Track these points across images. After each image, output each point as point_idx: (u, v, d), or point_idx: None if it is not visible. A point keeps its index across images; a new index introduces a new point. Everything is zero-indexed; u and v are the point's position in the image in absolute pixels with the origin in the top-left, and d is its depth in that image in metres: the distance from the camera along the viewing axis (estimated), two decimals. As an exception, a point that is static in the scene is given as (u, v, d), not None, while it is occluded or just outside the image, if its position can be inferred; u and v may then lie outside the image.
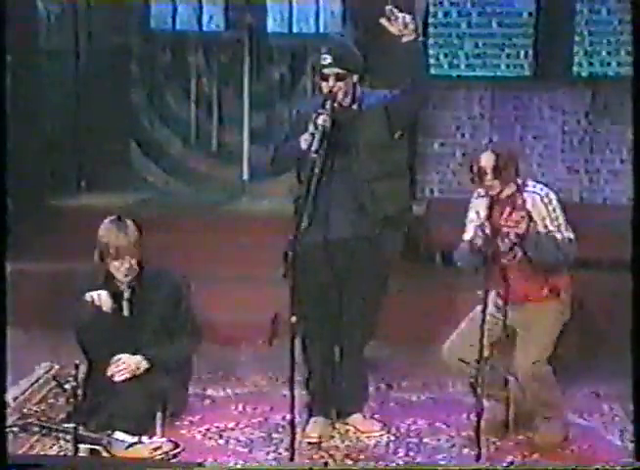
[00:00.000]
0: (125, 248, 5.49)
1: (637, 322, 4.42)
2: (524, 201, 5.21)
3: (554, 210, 5.25)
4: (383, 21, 5.14)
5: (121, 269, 5.53)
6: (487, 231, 5.13)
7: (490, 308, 5.15)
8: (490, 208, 5.29)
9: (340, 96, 5.24)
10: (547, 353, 5.33)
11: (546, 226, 5.21)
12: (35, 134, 8.83)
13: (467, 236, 5.35)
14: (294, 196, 5.29)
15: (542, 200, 5.25)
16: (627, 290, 6.96)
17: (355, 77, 5.29)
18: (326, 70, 5.25)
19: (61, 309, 5.78)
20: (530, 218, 5.17)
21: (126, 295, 5.62)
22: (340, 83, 5.23)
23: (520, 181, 5.31)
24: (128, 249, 5.50)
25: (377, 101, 5.35)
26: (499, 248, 5.13)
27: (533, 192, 5.28)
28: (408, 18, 5.15)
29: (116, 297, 5.59)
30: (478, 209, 5.37)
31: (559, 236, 5.21)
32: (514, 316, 5.27)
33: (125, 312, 5.63)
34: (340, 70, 5.22)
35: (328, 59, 5.24)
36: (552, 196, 5.28)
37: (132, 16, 9.50)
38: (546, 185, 5.41)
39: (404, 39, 5.16)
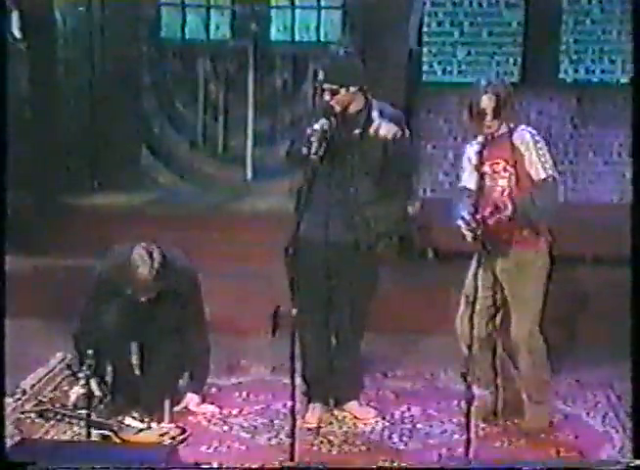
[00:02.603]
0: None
1: (637, 321, 4.38)
2: (512, 144, 5.18)
3: (541, 147, 5.20)
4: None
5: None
6: (474, 224, 5.09)
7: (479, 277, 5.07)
8: (481, 152, 5.23)
9: (337, 108, 5.23)
10: (539, 316, 5.27)
11: (532, 162, 5.17)
12: (53, 137, 8.85)
13: (461, 184, 5.34)
14: (295, 188, 5.28)
15: (532, 137, 5.21)
16: (609, 283, 7.00)
17: (353, 89, 5.26)
18: (322, 86, 5.26)
19: (74, 302, 5.78)
20: (515, 167, 5.15)
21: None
22: (336, 97, 5.23)
23: (512, 125, 5.25)
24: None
25: (386, 116, 5.32)
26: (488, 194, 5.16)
27: (524, 130, 5.26)
28: (384, 124, 5.18)
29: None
30: (470, 155, 5.33)
31: (543, 175, 5.17)
32: (502, 271, 5.23)
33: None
34: (332, 86, 5.22)
35: (321, 75, 5.27)
36: (542, 140, 5.25)
37: (144, 26, 9.47)
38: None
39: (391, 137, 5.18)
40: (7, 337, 4.54)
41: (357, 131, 5.27)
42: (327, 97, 5.24)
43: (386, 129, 5.20)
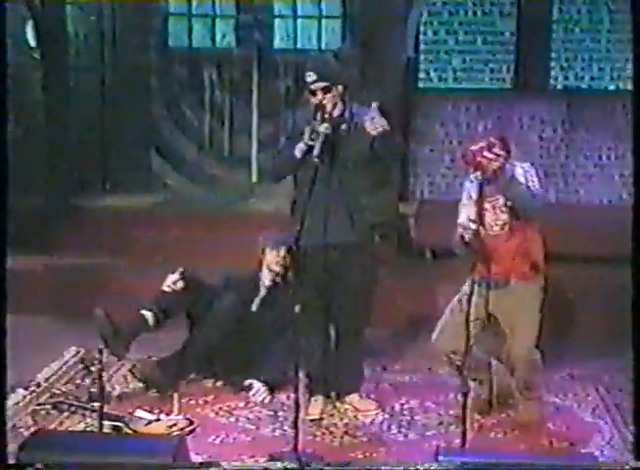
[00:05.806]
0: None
1: (637, 320, 4.36)
2: (514, 178, 5.13)
3: (532, 174, 5.15)
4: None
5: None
6: (474, 227, 5.06)
7: (474, 296, 5.04)
8: (481, 188, 5.15)
9: (328, 107, 5.20)
10: (535, 337, 5.25)
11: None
12: (65, 141, 8.85)
13: (460, 219, 5.23)
14: (290, 200, 5.28)
15: (522, 168, 5.17)
16: (598, 281, 7.00)
17: (340, 88, 5.25)
18: (312, 86, 5.22)
19: (86, 300, 5.78)
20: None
21: (261, 293, 5.89)
22: (327, 95, 5.20)
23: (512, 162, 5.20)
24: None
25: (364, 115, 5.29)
26: (489, 228, 5.11)
27: (522, 165, 5.21)
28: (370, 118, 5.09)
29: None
30: (470, 192, 5.27)
31: (532, 186, 5.14)
32: (497, 301, 5.18)
33: (254, 308, 5.82)
34: (325, 84, 5.20)
35: (312, 76, 5.21)
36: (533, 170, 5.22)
37: (152, 35, 9.47)
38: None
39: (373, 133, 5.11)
40: (23, 332, 4.54)
41: (344, 126, 5.22)
42: (319, 96, 5.20)
43: (378, 125, 5.14)
